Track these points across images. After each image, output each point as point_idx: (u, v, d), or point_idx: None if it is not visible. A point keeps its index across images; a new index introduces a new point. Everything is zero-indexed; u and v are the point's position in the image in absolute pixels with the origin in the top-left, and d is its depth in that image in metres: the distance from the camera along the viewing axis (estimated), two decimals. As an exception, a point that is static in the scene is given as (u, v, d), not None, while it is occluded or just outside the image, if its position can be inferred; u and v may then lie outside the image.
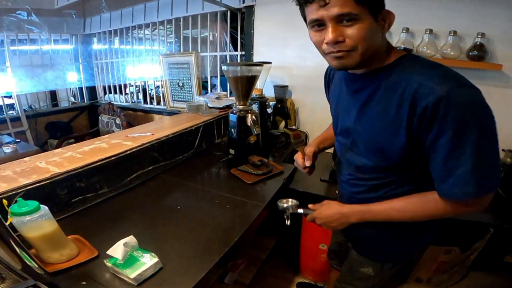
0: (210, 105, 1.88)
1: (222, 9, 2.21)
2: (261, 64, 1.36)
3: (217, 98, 2.00)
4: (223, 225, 0.95)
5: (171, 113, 2.61)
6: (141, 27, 2.79)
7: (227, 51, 2.42)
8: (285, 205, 0.95)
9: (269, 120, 1.79)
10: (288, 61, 2.02)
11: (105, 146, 1.23)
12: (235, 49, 2.40)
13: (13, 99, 2.87)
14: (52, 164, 1.03)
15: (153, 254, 0.74)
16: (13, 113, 2.87)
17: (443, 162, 0.60)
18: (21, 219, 0.69)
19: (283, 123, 2.02)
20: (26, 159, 1.09)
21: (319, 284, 1.66)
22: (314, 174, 0.99)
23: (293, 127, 2.10)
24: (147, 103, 3.03)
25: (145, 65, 2.86)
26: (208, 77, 2.70)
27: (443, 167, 0.60)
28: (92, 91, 3.51)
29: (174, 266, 0.75)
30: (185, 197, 1.16)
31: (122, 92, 3.22)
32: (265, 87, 1.87)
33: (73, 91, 3.65)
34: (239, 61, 2.28)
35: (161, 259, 0.74)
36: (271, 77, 2.03)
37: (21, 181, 0.89)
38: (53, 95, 3.52)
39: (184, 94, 2.58)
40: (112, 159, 1.12)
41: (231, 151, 1.41)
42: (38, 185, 0.90)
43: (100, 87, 3.43)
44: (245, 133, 1.34)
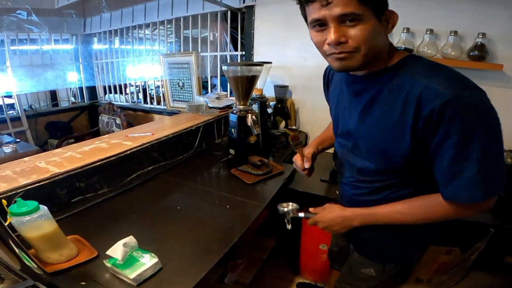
0: (210, 105, 1.87)
1: (222, 9, 2.21)
2: (261, 64, 1.36)
3: (217, 98, 2.00)
4: (223, 225, 0.94)
5: (171, 113, 2.61)
6: (141, 27, 2.79)
7: (227, 51, 2.42)
8: (285, 209, 0.93)
9: (269, 120, 1.78)
10: (288, 61, 2.02)
11: (105, 146, 1.23)
12: (235, 49, 2.41)
13: (13, 99, 2.87)
14: (51, 164, 1.03)
15: (153, 254, 0.74)
16: (13, 113, 2.87)
17: (448, 165, 0.59)
18: (21, 219, 0.68)
19: (283, 123, 2.02)
20: (25, 159, 1.08)
21: (319, 284, 1.66)
22: (314, 174, 0.98)
23: (293, 127, 2.10)
24: (147, 103, 3.03)
25: (145, 65, 2.86)
26: (208, 77, 2.70)
27: (449, 170, 0.59)
28: (92, 91, 3.52)
29: (174, 266, 0.75)
30: (185, 197, 1.16)
31: (122, 92, 3.22)
32: (265, 87, 1.86)
33: (73, 91, 3.66)
34: (239, 61, 2.28)
35: (161, 259, 0.74)
36: (271, 77, 2.03)
37: (21, 181, 0.88)
38: (53, 95, 3.52)
39: (184, 94, 2.58)
40: (112, 159, 1.12)
41: (231, 151, 1.41)
42: (37, 185, 0.90)
43: (100, 87, 3.44)
44: (245, 133, 1.34)
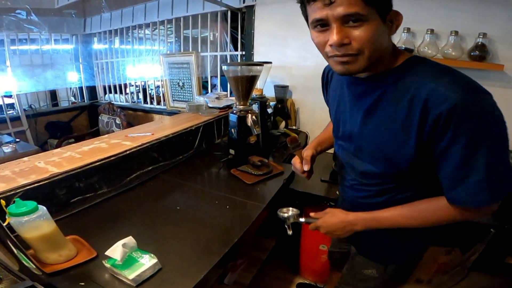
0: (210, 105, 1.87)
1: (222, 9, 2.21)
2: (261, 64, 1.36)
3: (217, 98, 2.00)
4: (223, 225, 0.94)
5: (171, 113, 2.61)
6: (141, 26, 2.79)
7: (227, 51, 2.41)
8: (285, 214, 0.91)
9: (270, 120, 1.78)
10: (288, 61, 2.02)
11: (104, 146, 1.23)
12: (236, 49, 2.40)
13: (13, 99, 2.87)
14: (51, 164, 1.02)
15: (152, 255, 0.74)
16: (13, 112, 2.87)
17: (455, 169, 0.58)
18: (19, 220, 0.68)
19: (283, 123, 2.01)
20: (25, 159, 1.08)
21: (319, 285, 1.66)
22: (314, 174, 0.97)
23: (294, 127, 2.09)
24: (147, 103, 3.02)
25: (145, 65, 2.85)
26: (208, 77, 2.70)
27: (456, 174, 0.58)
28: (92, 90, 3.51)
29: (173, 266, 0.75)
30: (185, 197, 1.16)
31: (122, 92, 3.22)
32: (266, 87, 1.86)
33: (73, 91, 3.65)
34: (239, 61, 2.27)
35: (161, 260, 0.74)
36: (272, 77, 2.02)
37: (20, 181, 0.88)
38: (53, 95, 3.52)
39: (184, 94, 2.57)
40: (111, 159, 1.11)
41: (231, 151, 1.41)
42: (36, 185, 0.89)
43: (100, 86, 3.43)
44: (245, 133, 1.34)
